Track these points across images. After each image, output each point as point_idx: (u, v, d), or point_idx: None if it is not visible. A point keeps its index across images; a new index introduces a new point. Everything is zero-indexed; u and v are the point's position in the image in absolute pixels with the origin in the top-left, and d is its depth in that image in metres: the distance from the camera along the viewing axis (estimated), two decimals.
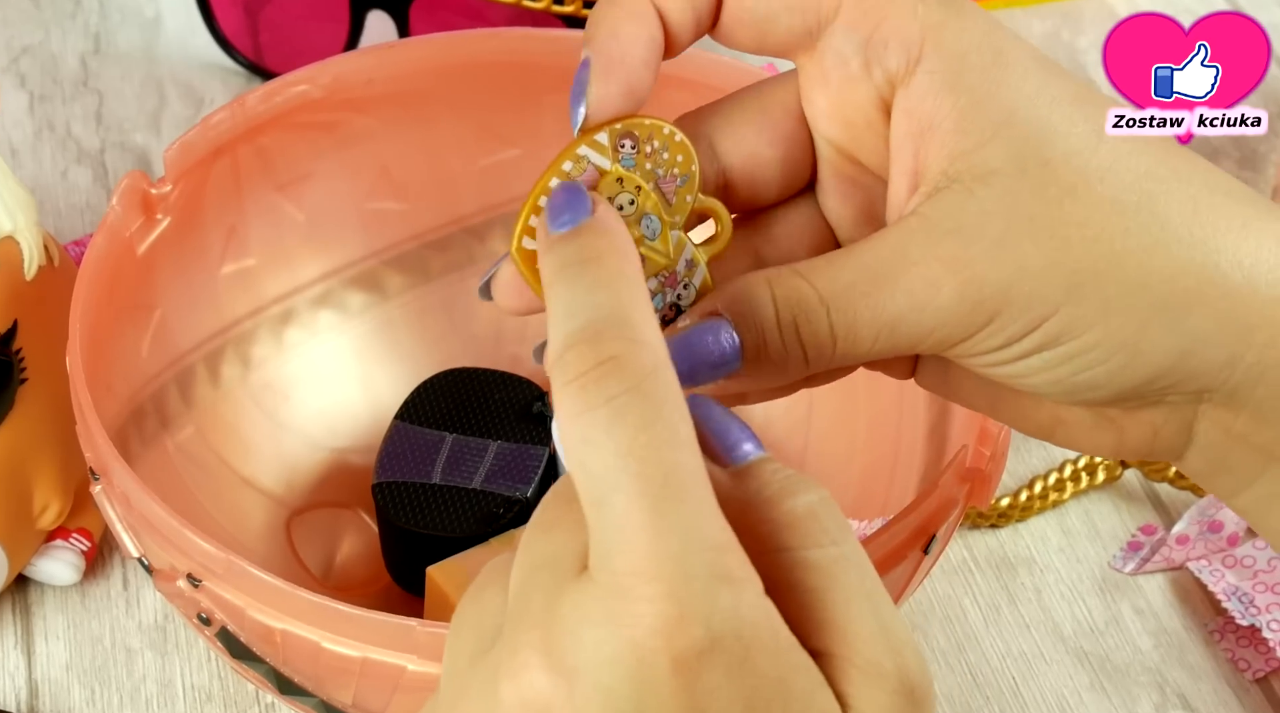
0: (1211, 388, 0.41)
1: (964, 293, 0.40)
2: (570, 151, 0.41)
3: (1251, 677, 0.63)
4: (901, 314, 0.40)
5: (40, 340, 0.61)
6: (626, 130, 0.41)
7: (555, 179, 0.41)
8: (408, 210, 0.68)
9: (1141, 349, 0.40)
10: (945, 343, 0.41)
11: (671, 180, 0.42)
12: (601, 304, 0.36)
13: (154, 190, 0.60)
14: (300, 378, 0.67)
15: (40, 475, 0.62)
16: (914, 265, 0.40)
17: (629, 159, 0.41)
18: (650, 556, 0.34)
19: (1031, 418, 0.44)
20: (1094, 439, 0.44)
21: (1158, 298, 0.40)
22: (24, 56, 0.85)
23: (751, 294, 0.41)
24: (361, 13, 0.80)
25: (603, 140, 0.41)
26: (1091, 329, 0.40)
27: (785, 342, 0.41)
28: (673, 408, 0.35)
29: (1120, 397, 0.42)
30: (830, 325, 0.41)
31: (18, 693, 0.62)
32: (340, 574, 0.64)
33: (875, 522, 0.60)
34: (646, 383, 0.35)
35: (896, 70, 0.41)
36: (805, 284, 0.41)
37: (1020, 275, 0.40)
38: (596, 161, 0.41)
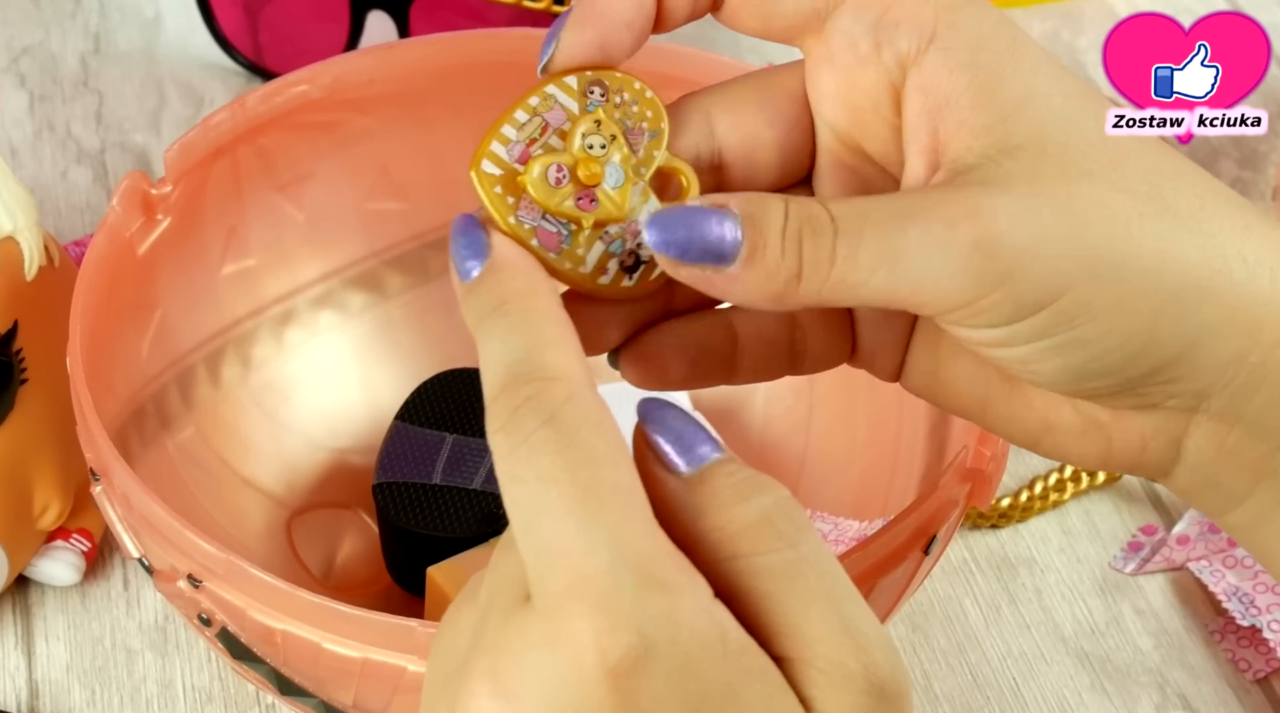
0: (1213, 390, 0.41)
1: (980, 241, 0.39)
2: (538, 89, 0.41)
3: (1252, 677, 0.63)
4: (910, 247, 0.39)
5: (40, 341, 0.61)
6: (596, 78, 0.41)
7: (521, 112, 0.41)
8: (408, 210, 0.68)
9: (1155, 336, 0.40)
10: (951, 298, 0.39)
11: (639, 133, 0.41)
12: (513, 351, 0.37)
13: (154, 191, 0.60)
14: (301, 378, 0.67)
15: (41, 476, 0.62)
16: (935, 206, 0.39)
17: (597, 105, 0.41)
18: (578, 572, 0.34)
19: (1021, 423, 0.43)
20: (1081, 448, 0.43)
21: (1171, 287, 0.40)
22: (24, 56, 0.85)
23: (764, 199, 0.39)
24: (361, 13, 0.80)
25: (572, 83, 0.41)
26: (1107, 313, 0.39)
27: (785, 250, 0.39)
28: (591, 429, 0.35)
29: (1128, 385, 0.41)
30: (834, 245, 0.39)
31: (18, 694, 0.62)
32: (340, 575, 0.64)
33: (876, 522, 0.60)
34: (561, 413, 0.36)
35: (908, 52, 0.41)
36: (819, 205, 0.39)
37: (1039, 241, 0.39)
38: (564, 103, 0.41)
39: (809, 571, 0.36)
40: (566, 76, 0.41)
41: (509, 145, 0.41)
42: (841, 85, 0.42)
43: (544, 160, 0.41)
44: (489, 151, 0.41)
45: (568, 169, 0.41)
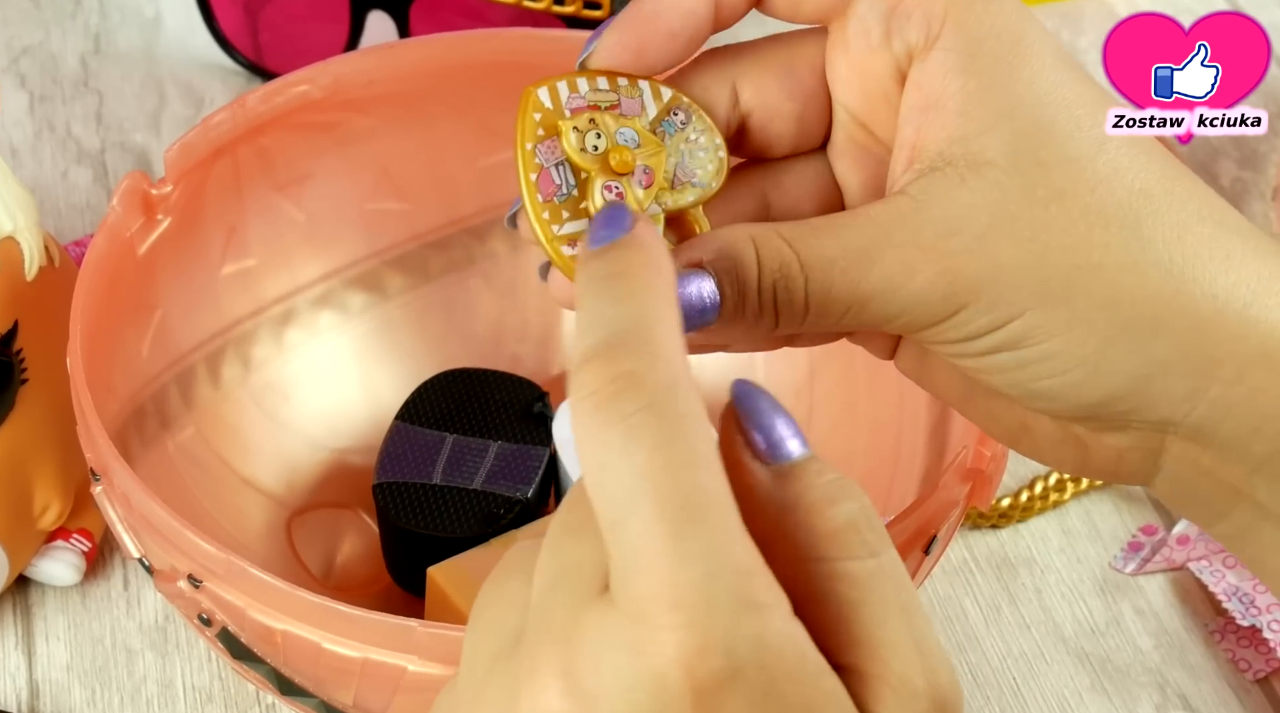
0: (1174, 421, 0.41)
1: (935, 283, 0.40)
2: (635, 76, 0.41)
3: (1252, 677, 0.63)
4: (874, 293, 0.40)
5: (41, 341, 0.61)
6: (689, 108, 0.42)
7: (605, 79, 0.41)
8: (408, 210, 0.68)
9: (1101, 367, 0.40)
10: (912, 326, 0.41)
11: (689, 177, 0.42)
12: (622, 317, 0.35)
13: (154, 191, 0.60)
14: (301, 378, 0.67)
15: (41, 476, 0.62)
16: (894, 248, 0.40)
17: (673, 129, 0.42)
18: (671, 582, 0.33)
19: (999, 420, 0.44)
20: (1058, 454, 0.43)
21: (1124, 318, 0.40)
22: (24, 57, 0.85)
23: (737, 251, 0.40)
24: (362, 13, 0.80)
25: (665, 94, 0.42)
26: (1053, 338, 0.40)
27: (762, 305, 0.40)
28: (692, 424, 0.34)
29: (1080, 413, 0.41)
30: (806, 293, 0.40)
31: (18, 694, 0.62)
32: (341, 575, 0.64)
33: None
34: (663, 400, 0.33)
35: (916, 43, 0.41)
36: (789, 250, 0.40)
37: (994, 273, 0.40)
38: (646, 102, 0.42)
39: (888, 582, 0.35)
40: (664, 87, 0.42)
41: (574, 94, 0.41)
42: (855, 70, 0.42)
43: (590, 124, 0.41)
44: (553, 84, 0.41)
45: (604, 147, 0.41)
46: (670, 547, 0.33)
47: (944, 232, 0.40)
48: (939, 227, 0.40)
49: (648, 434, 0.33)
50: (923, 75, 0.41)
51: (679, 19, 0.41)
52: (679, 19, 0.41)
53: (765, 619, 0.33)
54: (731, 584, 0.33)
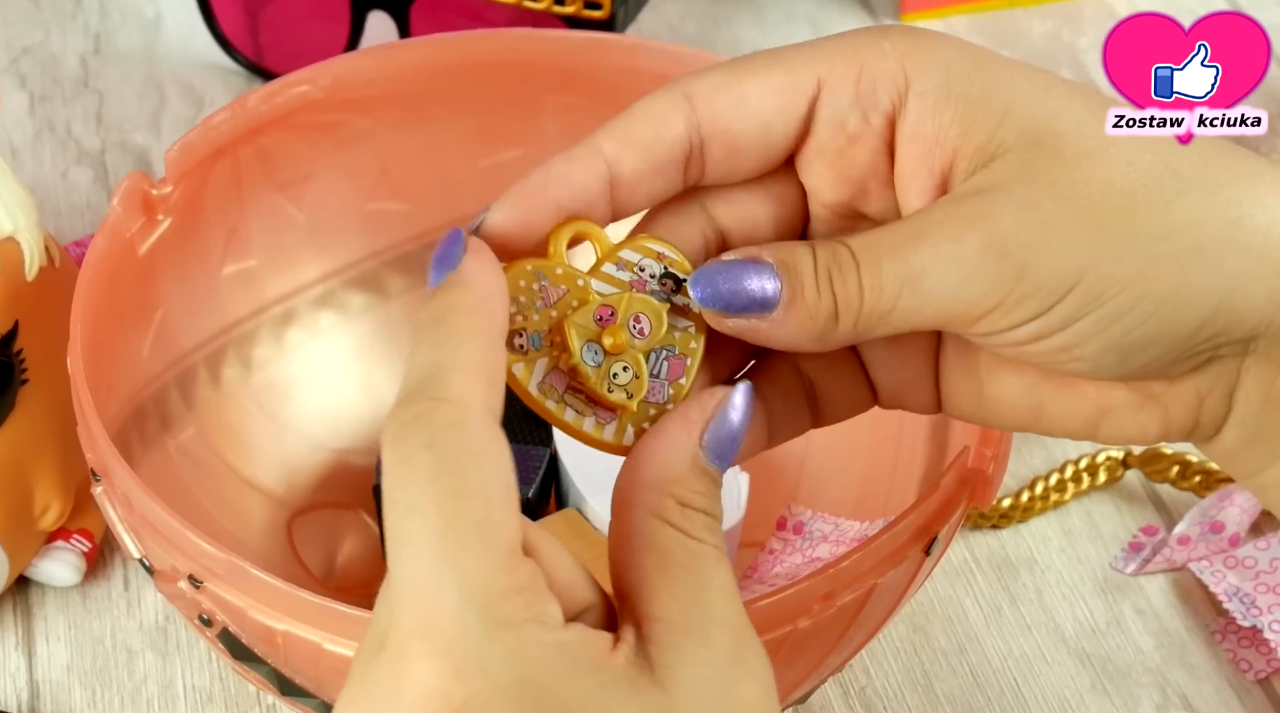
0: (1258, 332, 0.41)
1: (988, 246, 0.40)
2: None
3: (1253, 678, 0.63)
4: (925, 267, 0.40)
5: (41, 341, 0.61)
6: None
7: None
8: (408, 211, 0.68)
9: (1186, 295, 0.40)
10: (976, 308, 0.40)
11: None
12: (426, 364, 0.38)
13: (155, 191, 0.60)
14: (301, 379, 0.67)
15: (41, 476, 0.62)
16: (938, 225, 0.41)
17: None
18: (426, 612, 0.35)
19: (1078, 415, 0.44)
20: (1140, 424, 0.43)
21: (1190, 243, 0.40)
22: (24, 57, 0.85)
23: (792, 245, 0.42)
24: (362, 13, 0.80)
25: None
26: (1133, 282, 0.40)
27: (820, 290, 0.41)
28: (469, 459, 0.36)
29: (1174, 351, 0.41)
30: (859, 278, 0.41)
31: (19, 694, 0.62)
32: (341, 575, 0.64)
33: (877, 523, 0.60)
34: (442, 438, 0.36)
35: (892, 106, 0.42)
36: (839, 243, 0.42)
37: (1046, 233, 0.40)
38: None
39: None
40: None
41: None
42: (837, 168, 0.43)
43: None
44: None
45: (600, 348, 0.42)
46: (428, 576, 0.35)
47: (983, 202, 0.40)
48: (978, 200, 0.41)
49: (422, 470, 0.36)
50: (911, 127, 0.42)
51: (567, 194, 0.42)
52: (567, 194, 0.42)
53: (521, 635, 0.35)
54: (484, 606, 0.35)
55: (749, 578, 0.63)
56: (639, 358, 0.42)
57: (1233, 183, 0.41)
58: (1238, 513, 0.65)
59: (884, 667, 0.63)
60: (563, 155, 0.42)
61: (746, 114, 0.42)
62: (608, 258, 0.43)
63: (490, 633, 0.35)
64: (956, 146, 0.41)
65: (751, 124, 0.42)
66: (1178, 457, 0.67)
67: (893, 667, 0.63)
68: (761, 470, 0.64)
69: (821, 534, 0.62)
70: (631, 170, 0.42)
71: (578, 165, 0.42)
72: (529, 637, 0.35)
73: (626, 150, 0.42)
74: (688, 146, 0.42)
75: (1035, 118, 0.41)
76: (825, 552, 0.61)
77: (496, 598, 0.35)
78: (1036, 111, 0.41)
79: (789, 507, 0.64)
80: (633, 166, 0.42)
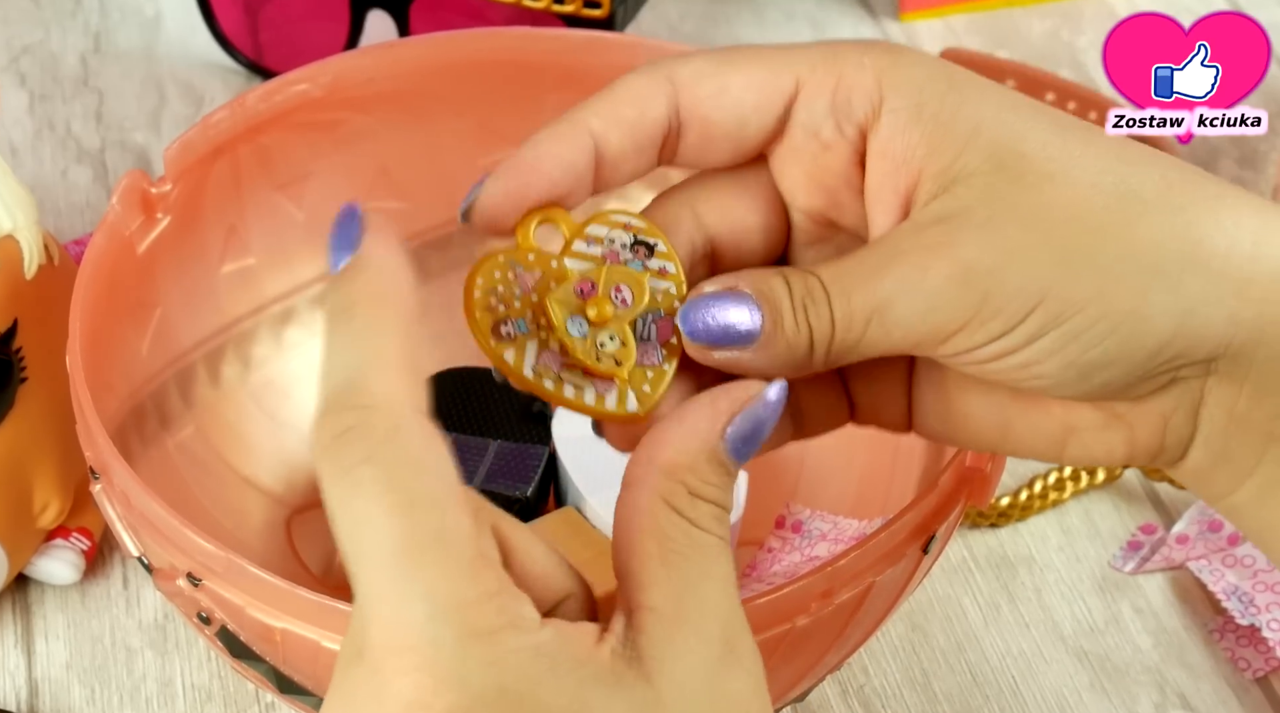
0: (1218, 353, 0.42)
1: (951, 273, 0.41)
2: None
3: (1251, 676, 0.63)
4: (892, 297, 0.41)
5: (40, 340, 0.61)
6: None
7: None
8: (408, 210, 0.68)
9: (1146, 314, 0.41)
10: (941, 331, 0.41)
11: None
12: (345, 365, 0.37)
13: (154, 189, 0.60)
14: (300, 377, 0.67)
15: (40, 475, 0.62)
16: (903, 255, 0.41)
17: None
18: (396, 626, 0.34)
19: (1043, 434, 0.44)
20: (1106, 443, 0.44)
21: (1150, 264, 0.41)
22: (24, 56, 0.85)
23: (767, 277, 0.42)
24: (361, 12, 0.80)
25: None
26: (1092, 302, 0.41)
27: (798, 323, 0.42)
28: (410, 470, 0.35)
29: (1134, 371, 0.42)
30: (830, 311, 0.42)
31: (18, 692, 0.62)
32: (340, 573, 0.64)
33: (875, 521, 0.60)
34: (380, 452, 0.35)
35: (865, 119, 0.43)
36: (809, 274, 0.42)
37: (1008, 257, 0.41)
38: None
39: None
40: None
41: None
42: (811, 173, 0.44)
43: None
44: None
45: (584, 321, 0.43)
46: (392, 591, 0.35)
47: (947, 231, 0.41)
48: (941, 228, 0.41)
49: (365, 483, 0.35)
50: (880, 143, 0.42)
51: (558, 171, 0.42)
52: (558, 171, 0.42)
53: (496, 642, 0.35)
54: (456, 618, 0.34)
55: (747, 576, 0.63)
56: (624, 327, 0.42)
57: (1193, 205, 0.41)
58: None
59: (882, 665, 0.63)
60: (549, 131, 0.43)
61: (725, 105, 0.43)
62: (575, 236, 0.43)
63: (464, 645, 0.34)
64: (922, 167, 0.42)
65: (728, 116, 0.43)
66: None
67: (891, 665, 0.63)
68: (761, 469, 0.64)
69: (820, 533, 0.62)
70: (616, 148, 0.43)
71: (566, 143, 0.42)
72: (504, 644, 0.35)
73: (612, 129, 0.43)
74: (666, 128, 0.43)
75: (1000, 140, 0.41)
76: (824, 550, 0.61)
77: (466, 609, 0.35)
78: (1003, 134, 0.41)
79: (788, 505, 0.64)
80: (617, 145, 0.43)
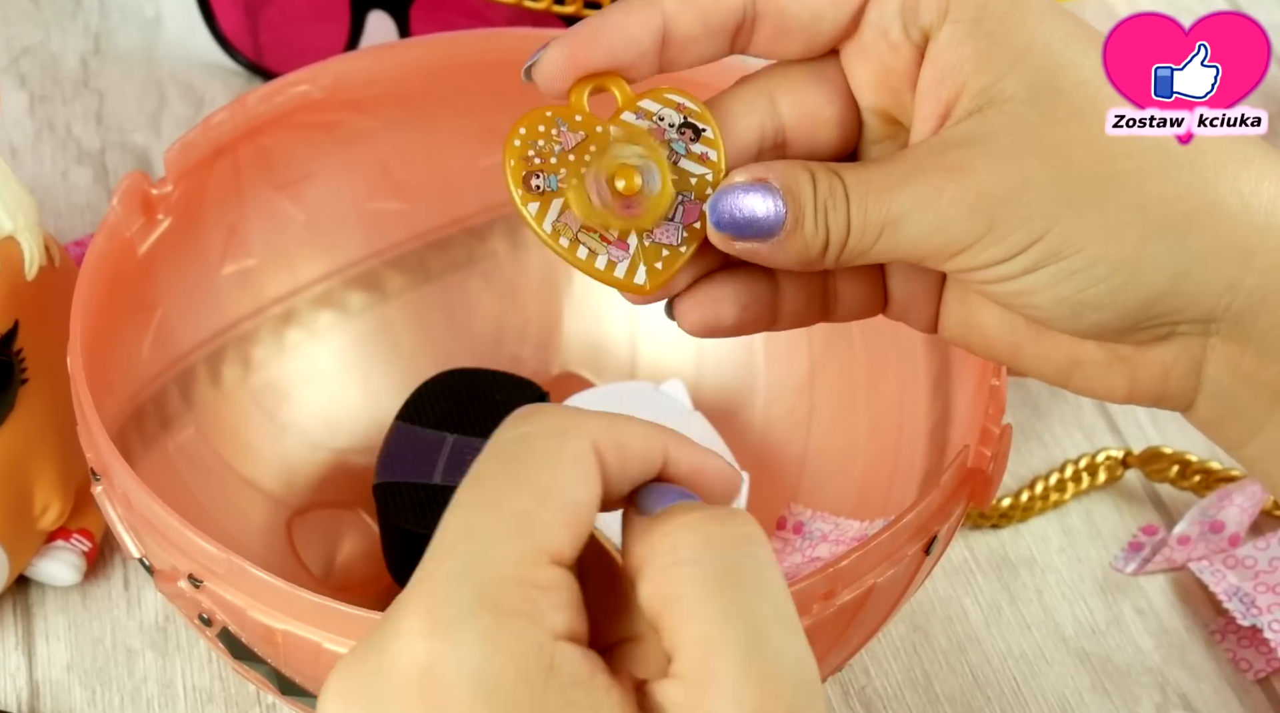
0: (1215, 316, 0.42)
1: (963, 198, 0.42)
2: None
3: (1253, 677, 0.63)
4: (905, 213, 0.42)
5: (41, 341, 0.61)
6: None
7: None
8: (408, 210, 0.68)
9: (1141, 267, 0.42)
10: (947, 250, 0.42)
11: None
12: None
13: (154, 191, 0.60)
14: (301, 378, 0.67)
15: (41, 476, 0.62)
16: (923, 173, 0.43)
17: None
18: (431, 573, 0.36)
19: (1050, 361, 0.46)
20: (1108, 382, 0.45)
21: (1156, 218, 0.42)
22: (24, 57, 0.85)
23: (796, 173, 0.44)
24: (362, 13, 0.80)
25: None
26: (1090, 245, 0.42)
27: (817, 223, 0.43)
28: (547, 461, 0.37)
29: (1126, 319, 0.43)
30: (848, 215, 0.43)
31: (19, 694, 0.62)
32: (341, 575, 0.64)
33: (876, 522, 0.60)
34: (536, 435, 0.37)
35: (930, 25, 0.44)
36: (836, 177, 0.43)
37: (1020, 188, 0.42)
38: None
39: (701, 582, 0.36)
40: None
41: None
42: (878, 72, 0.45)
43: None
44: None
45: (607, 183, 0.43)
46: (452, 539, 0.36)
47: (968, 153, 0.42)
48: (964, 149, 0.42)
49: (506, 452, 0.37)
50: (936, 51, 0.43)
51: (621, 42, 0.44)
52: (621, 42, 0.44)
53: (503, 623, 0.35)
54: (481, 584, 0.35)
55: None
56: (647, 202, 0.43)
57: (1216, 166, 0.42)
58: (1237, 513, 0.65)
59: (884, 666, 0.63)
60: (622, 4, 0.44)
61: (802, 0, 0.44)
62: (627, 107, 0.44)
63: (474, 609, 0.35)
64: (966, 81, 0.43)
65: (805, 10, 0.44)
66: (1177, 456, 0.67)
67: (892, 666, 0.63)
68: (761, 470, 0.64)
69: (821, 534, 0.62)
70: (685, 30, 0.44)
71: (635, 17, 0.44)
72: (510, 628, 0.35)
73: (685, 10, 0.44)
74: (741, 16, 0.44)
75: (1044, 69, 0.42)
76: (825, 551, 0.61)
77: (496, 583, 0.35)
78: (1047, 64, 0.42)
79: (789, 506, 0.64)
80: (687, 27, 0.44)
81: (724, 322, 0.46)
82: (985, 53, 0.43)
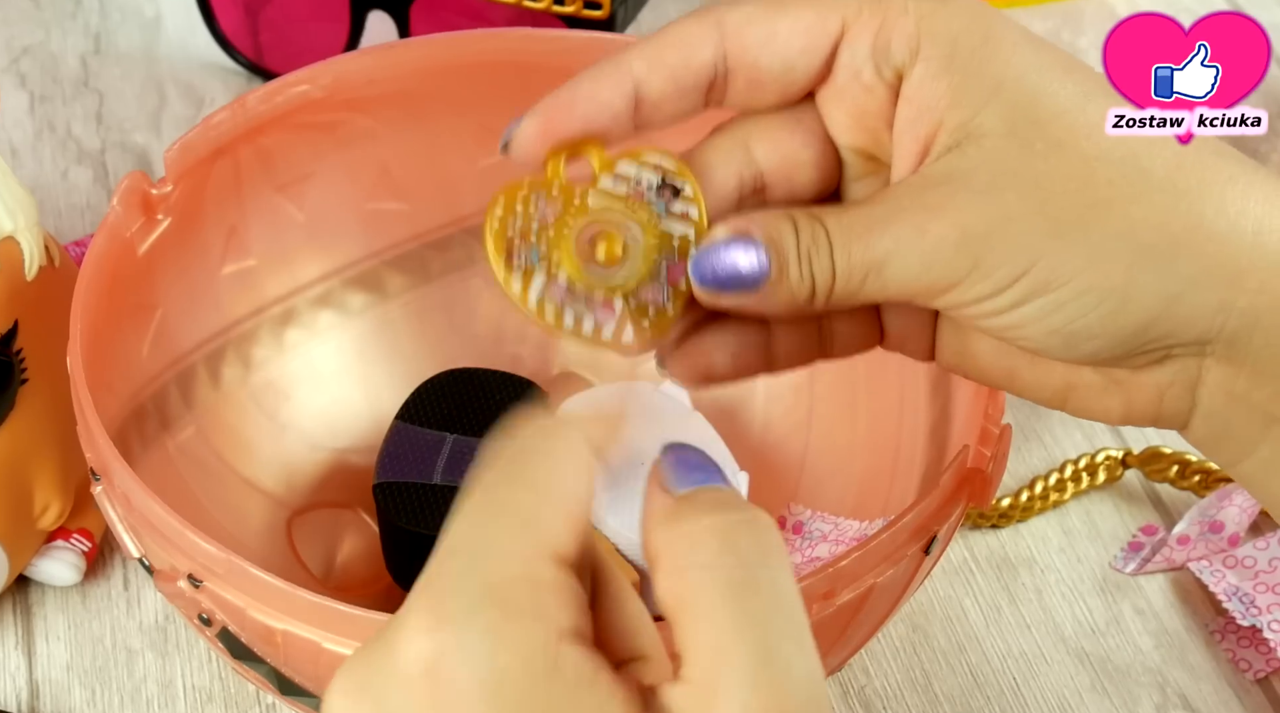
0: (1209, 337, 0.42)
1: (946, 236, 0.42)
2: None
3: (1252, 677, 0.63)
4: (890, 254, 0.42)
5: (41, 341, 0.61)
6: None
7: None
8: (408, 210, 0.68)
9: (1130, 294, 0.41)
10: (934, 289, 0.42)
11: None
12: None
13: (154, 191, 0.60)
14: (301, 378, 0.67)
15: (41, 476, 0.62)
16: (905, 213, 0.42)
17: None
18: (438, 570, 0.35)
19: (1046, 386, 0.45)
20: (1104, 405, 0.45)
21: (1143, 244, 0.41)
22: (24, 56, 0.85)
23: (778, 221, 0.43)
24: (362, 13, 0.80)
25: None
26: (1079, 275, 0.41)
27: (802, 271, 0.43)
28: (548, 462, 0.37)
29: (1119, 346, 0.42)
30: (832, 262, 0.43)
31: (18, 694, 0.62)
32: (341, 575, 0.64)
33: (876, 522, 0.60)
34: (535, 440, 0.37)
35: (902, 63, 0.43)
36: (818, 222, 0.43)
37: (1003, 222, 0.41)
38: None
39: (719, 588, 0.35)
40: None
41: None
42: (854, 113, 0.44)
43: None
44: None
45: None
46: (457, 539, 0.36)
47: (948, 191, 0.42)
48: (943, 188, 0.42)
49: (506, 456, 0.37)
50: (910, 89, 0.43)
51: (594, 109, 0.43)
52: (594, 109, 0.43)
53: (508, 620, 0.35)
54: (488, 581, 0.35)
55: None
56: (632, 265, 0.43)
57: (1200, 187, 0.42)
58: (1237, 513, 0.65)
59: (883, 666, 0.63)
60: (592, 72, 0.44)
61: (773, 50, 0.44)
62: (605, 171, 0.44)
63: (480, 605, 0.35)
64: (943, 118, 0.42)
65: (776, 60, 0.44)
66: (1177, 456, 0.67)
67: (892, 666, 0.63)
68: (761, 470, 0.64)
69: (821, 534, 0.62)
70: (657, 92, 0.44)
71: (606, 83, 0.43)
72: (517, 626, 0.35)
73: (655, 72, 0.43)
74: (713, 73, 0.44)
75: (1019, 102, 0.42)
76: (824, 551, 0.61)
77: (501, 580, 0.35)
78: (1023, 95, 0.42)
79: (788, 506, 0.64)
80: (659, 89, 0.44)
81: (717, 371, 0.46)
82: (960, 88, 0.42)
